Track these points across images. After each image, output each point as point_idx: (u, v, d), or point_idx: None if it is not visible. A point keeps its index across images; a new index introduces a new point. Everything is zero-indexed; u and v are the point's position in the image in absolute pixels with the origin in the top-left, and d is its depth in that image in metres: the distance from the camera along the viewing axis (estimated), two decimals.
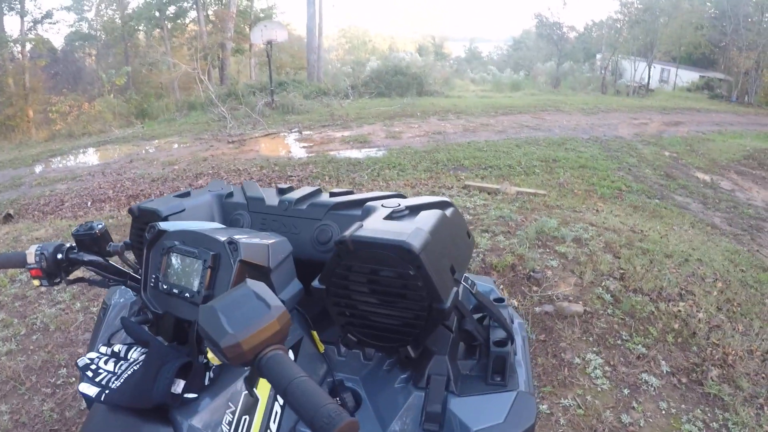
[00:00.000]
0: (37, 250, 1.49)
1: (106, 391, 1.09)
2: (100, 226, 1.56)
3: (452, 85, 21.83)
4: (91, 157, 13.11)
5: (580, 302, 3.55)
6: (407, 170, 7.66)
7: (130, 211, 1.53)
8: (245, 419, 1.15)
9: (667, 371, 3.04)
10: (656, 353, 3.16)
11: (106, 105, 19.61)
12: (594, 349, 3.19)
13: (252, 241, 1.21)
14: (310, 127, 12.66)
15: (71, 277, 1.55)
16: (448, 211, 1.33)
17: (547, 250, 4.26)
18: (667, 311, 3.54)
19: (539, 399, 2.83)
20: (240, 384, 1.16)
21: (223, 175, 8.74)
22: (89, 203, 8.66)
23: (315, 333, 1.34)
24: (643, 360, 3.12)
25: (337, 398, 1.25)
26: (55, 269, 1.51)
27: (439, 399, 1.20)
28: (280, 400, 1.22)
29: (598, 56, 29.89)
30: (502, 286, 3.66)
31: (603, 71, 27.91)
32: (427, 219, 1.23)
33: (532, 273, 3.88)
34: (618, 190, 7.42)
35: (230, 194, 1.61)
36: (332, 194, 1.48)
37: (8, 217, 8.28)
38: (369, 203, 1.39)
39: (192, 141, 12.72)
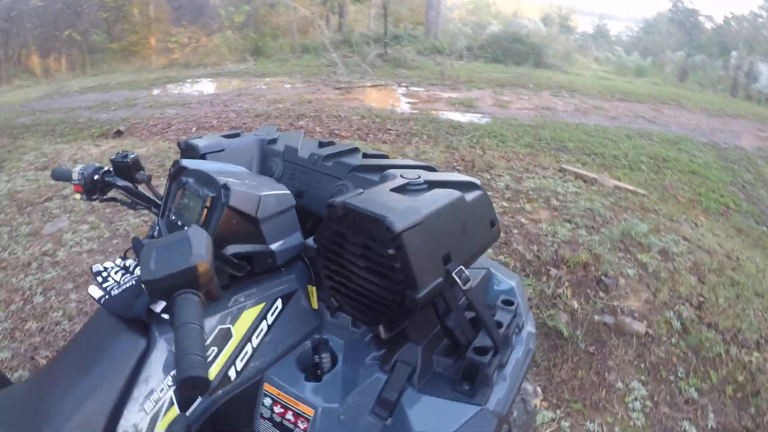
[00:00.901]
0: (80, 169, 1.70)
1: (106, 297, 1.22)
2: (132, 156, 1.73)
3: (572, 61, 21.01)
4: (202, 87, 13.65)
5: (645, 322, 3.26)
6: (507, 142, 7.50)
7: (178, 144, 1.67)
8: (214, 350, 1.23)
9: (712, 427, 2.66)
10: (708, 402, 2.79)
11: (223, 40, 20.35)
12: (642, 377, 2.91)
13: (246, 189, 1.27)
14: (418, 83, 12.64)
15: (106, 196, 1.74)
16: (471, 195, 1.25)
17: (628, 256, 3.94)
18: (737, 358, 3.09)
19: (564, 414, 2.64)
20: (220, 318, 1.25)
21: (324, 119, 8.88)
22: (193, 129, 9.06)
23: (313, 288, 1.37)
24: (691, 406, 2.77)
25: (317, 356, 1.30)
26: (92, 187, 1.71)
27: (396, 388, 1.18)
28: (254, 342, 1.30)
29: (734, 54, 27.71)
30: (566, 284, 3.52)
31: (736, 71, 25.95)
32: (434, 199, 1.17)
33: (603, 277, 3.60)
34: (725, 207, 6.70)
35: (273, 140, 1.69)
36: (365, 155, 1.51)
37: (118, 133, 8.84)
38: (390, 170, 1.34)
39: (300, 83, 12.99)
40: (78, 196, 1.71)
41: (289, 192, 1.35)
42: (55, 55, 22.12)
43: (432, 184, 1.23)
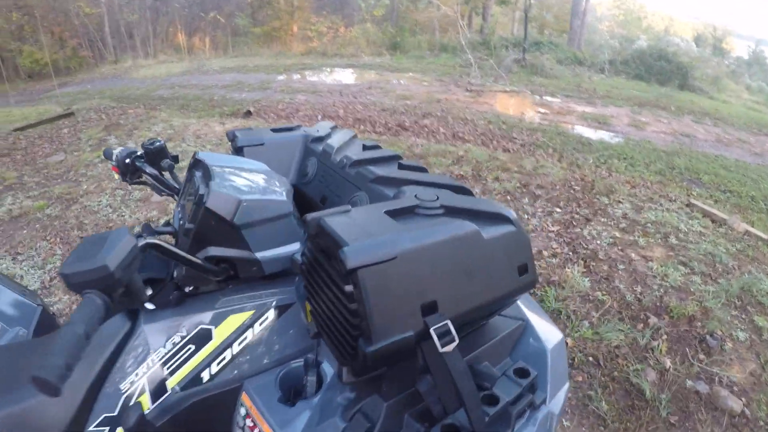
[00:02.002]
0: (119, 152, 1.78)
1: None
2: (158, 143, 1.79)
3: (721, 87, 19.66)
4: (335, 77, 14.04)
5: (743, 399, 2.85)
6: (637, 166, 7.15)
7: (227, 134, 1.72)
8: (190, 348, 1.25)
9: None
10: None
11: (362, 32, 20.93)
12: None
13: (228, 192, 1.24)
14: (553, 93, 12.38)
15: (138, 179, 1.81)
16: (494, 230, 1.06)
17: (742, 317, 3.50)
18: None
19: None
20: (203, 317, 1.26)
21: (449, 120, 8.90)
22: (319, 117, 9.34)
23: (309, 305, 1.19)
24: None
25: (305, 377, 1.22)
26: (125, 170, 1.78)
27: None
28: (235, 349, 1.28)
29: None
30: (664, 337, 3.20)
31: None
32: (432, 231, 1.00)
33: (708, 336, 3.22)
34: None
35: (320, 139, 1.67)
36: (400, 165, 1.41)
37: (248, 114, 9.32)
38: (408, 187, 1.22)
39: (433, 81, 13.08)
40: (116, 176, 1.81)
41: (285, 200, 1.30)
42: (200, 35, 23.59)
43: (449, 210, 1.08)
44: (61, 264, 0.89)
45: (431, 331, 0.93)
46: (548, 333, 1.29)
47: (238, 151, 1.65)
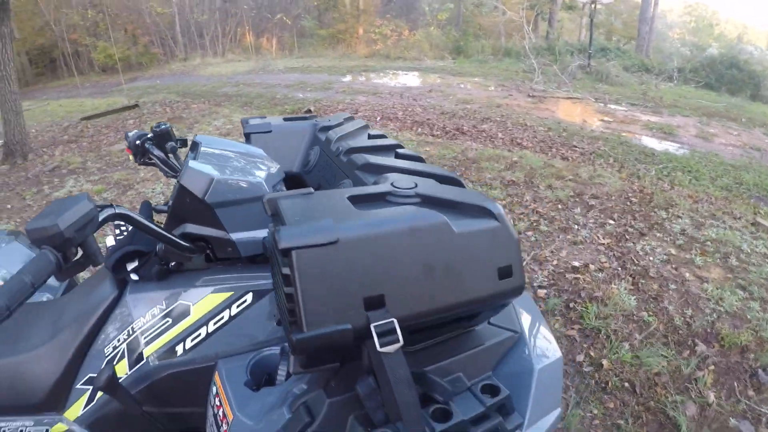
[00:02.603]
0: (132, 134, 1.85)
1: (107, 245, 1.35)
2: (164, 126, 1.86)
3: None
4: (396, 80, 14.02)
5: None
6: (702, 180, 6.76)
7: (241, 121, 1.78)
8: (168, 321, 1.29)
9: None
10: None
11: (426, 36, 20.87)
12: None
13: (204, 170, 1.24)
14: (617, 101, 11.97)
15: (149, 161, 1.86)
16: (470, 225, 0.94)
17: None
18: None
19: None
20: (183, 293, 1.29)
21: (508, 125, 8.74)
22: (378, 118, 9.39)
23: None
24: None
25: (279, 365, 1.20)
26: (136, 151, 1.84)
27: None
28: (210, 328, 1.27)
29: None
30: (711, 367, 2.93)
31: None
32: (387, 219, 0.91)
33: (760, 371, 2.91)
34: None
35: (327, 128, 1.63)
36: (397, 155, 1.33)
37: (308, 112, 9.44)
38: (388, 174, 1.14)
39: (494, 86, 12.88)
40: (130, 157, 1.88)
41: (260, 182, 1.28)
42: (267, 35, 24.22)
43: (425, 200, 0.99)
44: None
45: (371, 327, 0.83)
46: (544, 349, 1.17)
47: (246, 137, 1.69)
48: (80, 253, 1.05)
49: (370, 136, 1.51)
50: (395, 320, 0.84)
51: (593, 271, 3.75)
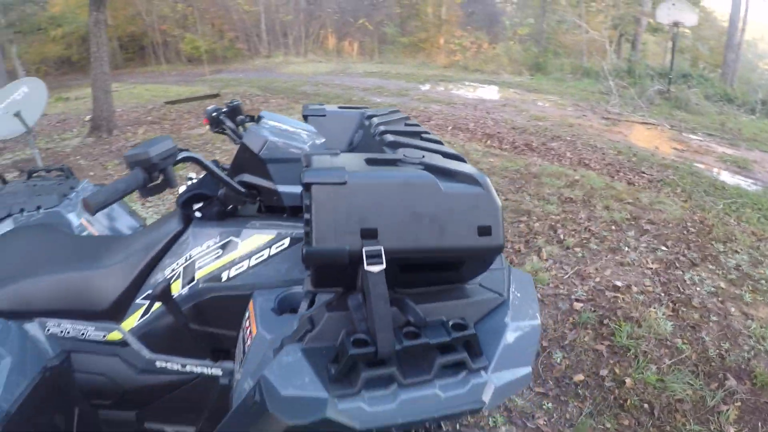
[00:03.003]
0: (210, 107, 2.16)
1: (186, 192, 1.71)
2: (236, 103, 2.21)
3: None
4: (471, 91, 14.09)
5: None
6: None
7: (303, 106, 2.06)
8: (218, 252, 1.58)
9: None
10: None
11: (505, 50, 20.76)
12: None
13: (262, 133, 1.60)
14: (693, 130, 11.64)
15: (220, 130, 2.16)
16: (457, 187, 1.14)
17: None
18: None
19: None
20: (234, 231, 1.59)
21: (578, 146, 8.65)
22: (449, 128, 9.49)
23: None
24: None
25: (300, 303, 1.34)
26: (212, 121, 2.13)
27: (291, 338, 1.19)
28: (252, 262, 1.55)
29: None
30: (737, 403, 2.81)
31: None
32: (388, 173, 1.15)
33: None
34: None
35: (373, 116, 1.83)
36: (422, 138, 1.50)
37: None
38: (403, 148, 1.34)
39: (569, 105, 12.76)
40: (207, 127, 2.17)
41: (306, 147, 1.55)
42: (349, 39, 24.65)
43: (428, 168, 1.18)
44: None
45: (363, 251, 1.07)
46: (524, 314, 1.30)
47: (304, 118, 1.96)
48: (161, 178, 1.40)
49: (406, 124, 1.69)
50: (382, 248, 1.07)
51: (635, 292, 3.75)
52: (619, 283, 3.83)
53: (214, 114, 2.13)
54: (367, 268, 1.06)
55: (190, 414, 1.94)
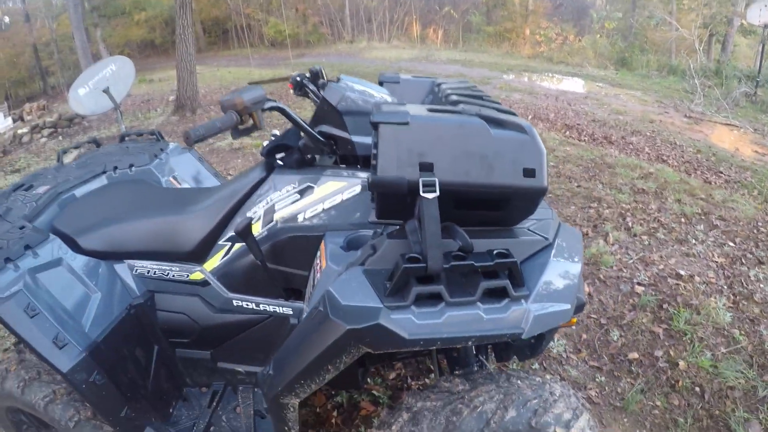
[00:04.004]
0: (294, 73, 2.36)
1: (270, 143, 1.88)
2: (316, 68, 2.37)
3: None
4: (554, 83, 13.83)
5: None
6: None
7: (380, 73, 2.23)
8: (296, 197, 1.75)
9: None
10: None
11: (591, 43, 20.22)
12: None
13: (340, 88, 1.80)
14: None
15: (303, 93, 2.35)
16: (505, 133, 1.27)
17: None
18: None
19: None
20: (311, 177, 1.75)
21: (657, 142, 8.44)
22: (529, 117, 9.48)
23: None
24: None
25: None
26: (296, 85, 2.32)
27: (354, 261, 1.37)
28: (326, 205, 1.72)
29: None
30: None
31: None
32: (446, 117, 1.30)
33: None
34: None
35: (442, 84, 1.97)
36: (483, 99, 1.61)
37: None
38: (464, 105, 1.44)
39: (652, 102, 12.38)
40: (291, 90, 2.35)
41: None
42: (434, 26, 24.50)
43: (482, 117, 1.30)
44: None
45: (420, 179, 1.21)
46: (566, 257, 1.41)
47: (380, 83, 2.12)
48: (250, 122, 1.58)
49: (471, 91, 1.79)
50: (437, 180, 1.21)
51: (697, 282, 3.78)
52: (682, 272, 3.84)
53: (298, 78, 2.31)
54: (422, 194, 1.19)
55: (259, 354, 2.08)
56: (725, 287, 3.78)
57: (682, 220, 4.87)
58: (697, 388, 2.87)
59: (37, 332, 1.70)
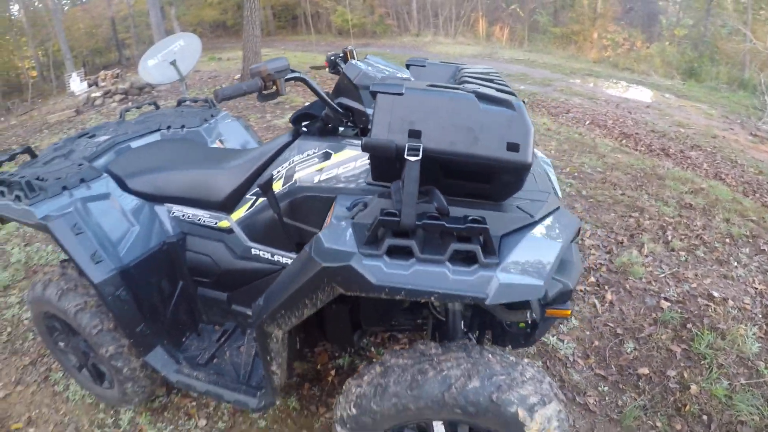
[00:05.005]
0: (330, 53, 2.54)
1: (298, 111, 2.08)
2: (348, 48, 2.52)
3: None
4: (616, 90, 13.37)
5: None
6: None
7: (408, 60, 2.27)
8: (315, 160, 1.88)
9: None
10: None
11: (659, 51, 19.42)
12: None
13: (360, 65, 2.00)
14: None
15: (336, 72, 2.45)
16: (493, 108, 1.35)
17: None
18: None
19: None
20: (330, 144, 1.87)
21: (717, 158, 8.04)
22: (587, 122, 9.22)
23: None
24: None
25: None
26: (331, 64, 2.50)
27: (352, 215, 1.51)
28: (340, 170, 1.81)
29: None
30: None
31: None
32: (439, 91, 1.40)
33: None
34: None
35: (463, 68, 2.05)
36: (496, 83, 1.66)
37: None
38: (466, 84, 1.53)
39: (717, 116, 11.82)
40: (327, 69, 2.51)
41: (399, 83, 1.66)
42: (500, 24, 24.10)
43: (476, 94, 1.39)
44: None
45: (407, 144, 1.34)
46: (547, 236, 1.45)
47: (407, 67, 2.19)
48: (274, 88, 1.67)
49: (485, 76, 1.82)
50: (422, 146, 1.33)
51: (730, 306, 3.53)
52: (716, 294, 3.60)
53: (332, 57, 2.48)
54: (407, 157, 1.32)
55: None
56: (760, 316, 3.50)
57: (727, 240, 4.57)
58: (705, 417, 2.67)
59: (80, 247, 2.09)
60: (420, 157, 1.32)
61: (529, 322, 1.94)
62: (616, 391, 2.85)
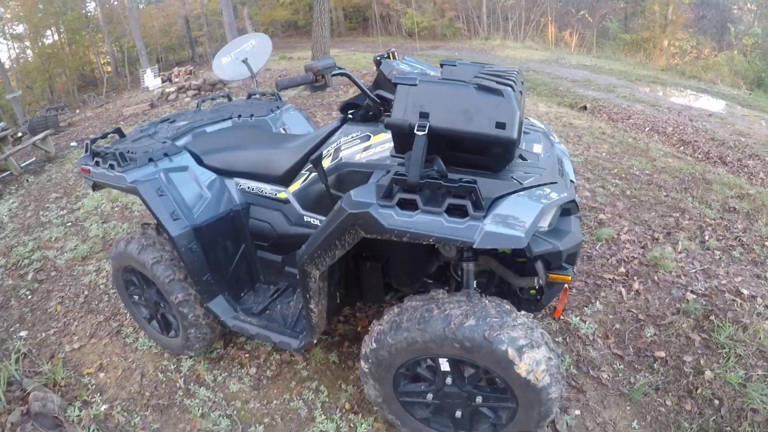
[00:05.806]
0: (377, 54, 2.77)
1: (346, 101, 2.50)
2: (392, 50, 2.93)
3: None
4: (680, 98, 12.97)
5: None
6: None
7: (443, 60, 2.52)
8: (357, 141, 2.27)
9: None
10: None
11: (727, 60, 18.76)
12: None
13: (397, 64, 2.46)
14: None
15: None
16: (485, 95, 1.71)
17: None
18: None
19: None
20: (370, 128, 2.29)
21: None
22: (646, 128, 9.14)
23: None
24: None
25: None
26: (377, 64, 2.71)
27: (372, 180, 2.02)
28: (376, 149, 2.17)
29: None
30: None
31: None
32: (443, 83, 1.78)
33: None
34: None
35: (486, 65, 2.30)
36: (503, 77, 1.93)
37: (583, 108, 9.75)
38: (477, 78, 1.85)
39: None
40: (375, 67, 2.71)
41: (414, 77, 1.94)
42: (570, 30, 23.64)
43: (476, 85, 1.75)
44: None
45: (417, 123, 1.72)
46: (531, 198, 1.75)
47: (440, 66, 2.41)
48: (323, 81, 2.10)
49: (506, 74, 2.06)
50: (429, 123, 1.71)
51: (757, 304, 3.52)
52: (745, 291, 3.61)
53: (378, 58, 2.77)
54: (416, 132, 1.71)
55: None
56: None
57: (767, 243, 4.51)
58: (716, 401, 2.74)
59: (161, 206, 2.55)
60: (426, 132, 1.70)
61: (537, 287, 2.13)
62: (631, 370, 2.96)
